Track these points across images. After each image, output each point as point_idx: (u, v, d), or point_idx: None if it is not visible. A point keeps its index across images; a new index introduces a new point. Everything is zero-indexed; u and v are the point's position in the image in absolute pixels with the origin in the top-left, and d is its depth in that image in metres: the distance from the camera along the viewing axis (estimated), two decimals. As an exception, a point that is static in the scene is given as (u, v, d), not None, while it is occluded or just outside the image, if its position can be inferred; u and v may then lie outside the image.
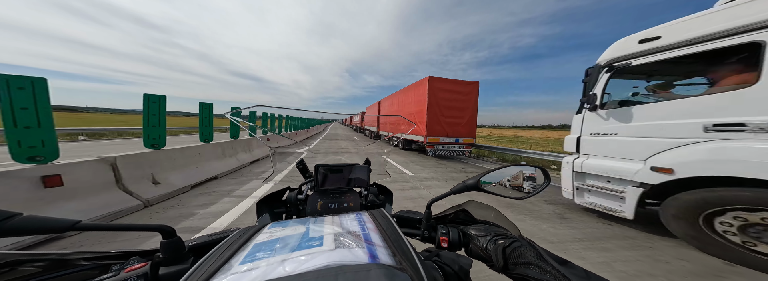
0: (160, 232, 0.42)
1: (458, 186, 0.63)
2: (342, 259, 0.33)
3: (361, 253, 0.35)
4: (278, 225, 0.49)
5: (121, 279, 0.38)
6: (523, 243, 0.45)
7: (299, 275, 0.29)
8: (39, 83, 2.22)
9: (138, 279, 0.38)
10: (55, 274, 0.39)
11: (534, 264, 0.40)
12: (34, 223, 0.34)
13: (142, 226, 0.41)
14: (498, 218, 0.63)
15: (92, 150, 7.41)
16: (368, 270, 0.30)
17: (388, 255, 0.37)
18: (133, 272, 0.39)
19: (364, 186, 0.98)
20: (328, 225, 0.47)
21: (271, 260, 0.33)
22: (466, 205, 0.67)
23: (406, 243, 0.41)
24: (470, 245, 0.54)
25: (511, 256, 0.43)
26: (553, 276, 0.37)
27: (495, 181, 0.65)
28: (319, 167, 0.90)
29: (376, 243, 0.40)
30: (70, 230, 0.36)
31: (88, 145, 9.24)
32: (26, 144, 2.24)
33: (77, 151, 6.94)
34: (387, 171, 1.39)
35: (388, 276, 0.29)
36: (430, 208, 0.63)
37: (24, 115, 2.19)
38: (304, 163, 1.07)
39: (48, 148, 2.35)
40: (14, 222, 0.33)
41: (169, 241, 0.43)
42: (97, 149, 7.65)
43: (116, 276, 0.38)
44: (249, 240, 0.42)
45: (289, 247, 0.38)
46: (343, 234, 0.42)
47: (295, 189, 0.94)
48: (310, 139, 15.16)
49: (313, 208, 0.85)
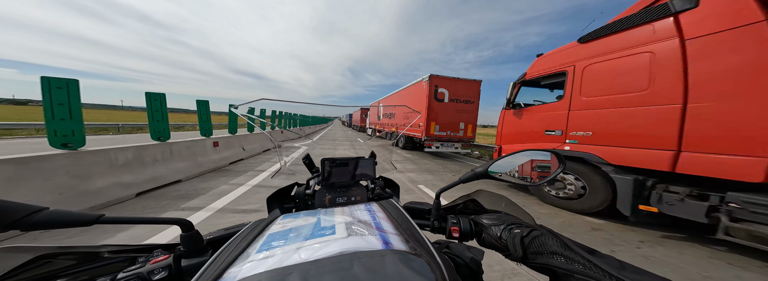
0: (179, 225, 0.43)
1: (467, 174, 0.60)
2: (356, 246, 0.33)
3: (375, 240, 0.35)
4: (290, 216, 0.50)
5: (147, 270, 0.40)
6: (543, 232, 0.43)
7: (315, 261, 0.30)
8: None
9: (162, 271, 0.40)
10: (87, 267, 0.41)
11: (559, 254, 0.38)
12: (61, 217, 0.34)
13: (162, 220, 0.41)
14: (510, 207, 0.61)
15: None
16: (383, 255, 0.31)
17: (402, 241, 0.37)
18: (157, 264, 0.41)
19: (371, 179, 0.98)
20: (339, 215, 0.47)
21: (286, 248, 0.34)
22: (475, 195, 0.66)
23: (418, 231, 0.41)
24: (483, 235, 0.53)
25: (531, 245, 0.42)
26: (581, 266, 0.35)
27: (505, 169, 0.61)
28: (326, 161, 0.91)
29: (388, 230, 0.40)
30: (95, 223, 0.36)
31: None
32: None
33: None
34: (393, 164, 1.39)
35: (404, 260, 0.30)
36: (440, 198, 0.61)
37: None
38: (311, 158, 1.06)
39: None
40: (42, 216, 0.33)
41: (189, 234, 0.44)
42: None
43: (142, 267, 0.40)
44: (263, 231, 0.43)
45: (303, 236, 0.38)
46: (354, 223, 0.42)
47: (303, 185, 0.94)
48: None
49: (321, 203, 0.86)
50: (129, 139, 10.03)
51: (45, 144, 2.79)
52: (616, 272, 0.32)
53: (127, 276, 0.38)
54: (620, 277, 0.31)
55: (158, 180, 3.64)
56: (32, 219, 0.32)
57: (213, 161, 5.10)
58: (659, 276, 0.31)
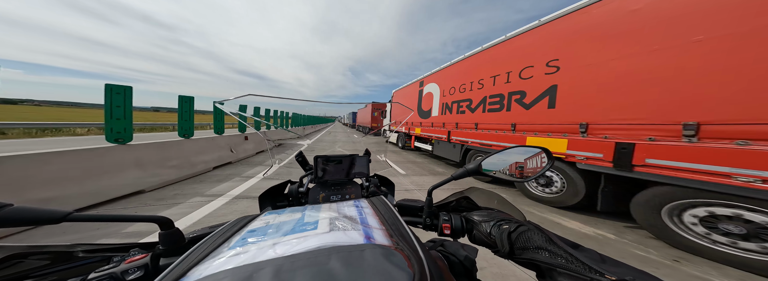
0: (157, 223, 0.42)
1: (459, 171, 0.60)
2: (336, 240, 0.33)
3: (356, 235, 0.35)
4: (274, 213, 0.49)
5: (121, 270, 0.38)
6: (529, 228, 0.44)
7: (290, 256, 0.29)
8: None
9: (138, 270, 0.38)
10: (59, 268, 0.40)
11: (543, 248, 0.39)
12: (26, 214, 0.32)
13: (139, 217, 0.40)
14: (501, 204, 0.62)
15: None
16: (362, 249, 0.30)
17: (384, 236, 0.36)
18: (133, 263, 0.40)
19: (365, 177, 0.98)
20: (325, 211, 0.46)
21: (261, 244, 0.33)
22: (467, 192, 0.66)
23: (404, 226, 0.41)
24: (474, 231, 0.53)
25: (518, 241, 0.42)
26: (564, 260, 0.35)
27: (497, 166, 0.62)
28: (319, 158, 0.90)
29: (373, 226, 0.40)
30: (63, 221, 0.34)
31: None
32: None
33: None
34: (388, 161, 1.38)
35: (384, 254, 0.29)
36: (431, 195, 0.61)
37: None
38: (304, 156, 1.05)
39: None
40: (5, 212, 0.31)
41: (168, 232, 0.42)
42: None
43: (117, 267, 0.39)
44: (243, 227, 0.42)
45: (282, 231, 0.37)
46: (338, 219, 0.41)
47: (297, 183, 0.93)
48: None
49: (314, 200, 0.86)
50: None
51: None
52: (596, 265, 0.33)
53: (99, 276, 0.36)
54: (600, 270, 0.32)
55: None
56: None
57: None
58: (637, 269, 0.33)
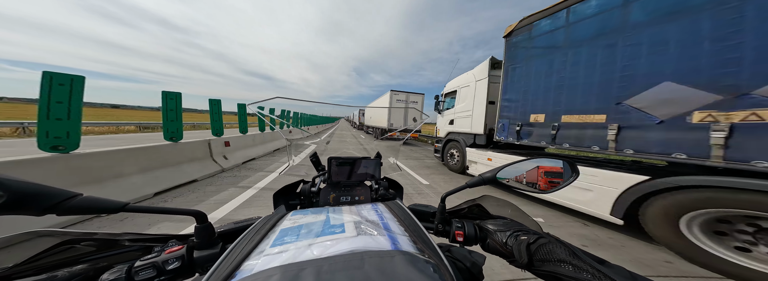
0: (194, 217, 0.45)
1: (474, 179, 0.60)
2: (366, 245, 0.34)
3: (383, 240, 0.36)
4: (299, 213, 0.51)
5: (162, 259, 0.41)
6: (550, 240, 0.43)
7: (327, 258, 0.31)
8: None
9: (176, 261, 0.42)
10: (106, 254, 0.43)
11: (566, 262, 0.37)
12: (92, 203, 0.36)
13: (179, 210, 0.44)
14: (516, 213, 0.61)
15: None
16: (392, 256, 0.31)
17: (409, 243, 0.37)
18: (172, 253, 0.43)
19: (375, 179, 0.98)
20: (347, 214, 0.48)
21: (298, 244, 0.35)
22: (480, 200, 0.65)
23: (425, 233, 0.42)
24: (488, 240, 0.53)
25: (538, 253, 0.42)
26: (590, 275, 0.34)
27: (513, 175, 0.60)
28: (332, 160, 0.92)
29: (396, 231, 0.41)
30: (121, 211, 0.37)
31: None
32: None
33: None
34: (397, 165, 1.39)
35: (413, 262, 0.30)
36: (445, 202, 0.61)
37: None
38: (318, 156, 1.07)
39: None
40: (77, 201, 0.34)
41: (203, 226, 0.46)
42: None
43: (158, 256, 0.42)
44: (275, 226, 0.44)
45: (314, 233, 0.39)
46: (362, 223, 0.43)
47: (309, 182, 0.95)
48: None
49: (325, 201, 0.87)
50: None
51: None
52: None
53: (144, 265, 0.40)
54: None
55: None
56: (68, 204, 0.34)
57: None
58: None
